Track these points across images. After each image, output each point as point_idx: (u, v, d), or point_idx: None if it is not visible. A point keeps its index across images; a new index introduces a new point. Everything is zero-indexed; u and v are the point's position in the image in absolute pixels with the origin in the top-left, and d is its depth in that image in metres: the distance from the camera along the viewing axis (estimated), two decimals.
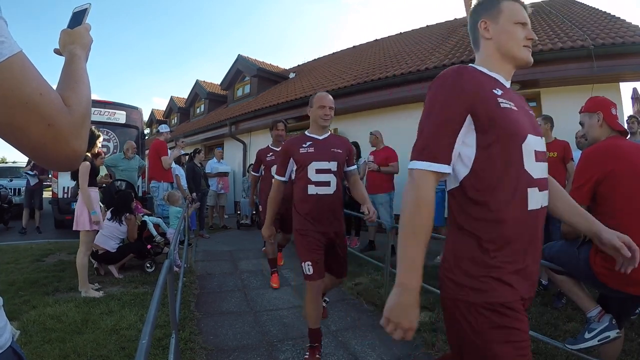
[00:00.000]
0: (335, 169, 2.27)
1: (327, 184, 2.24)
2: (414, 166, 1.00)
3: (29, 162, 7.28)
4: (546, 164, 1.09)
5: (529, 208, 0.99)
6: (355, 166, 2.48)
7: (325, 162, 2.25)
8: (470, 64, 1.10)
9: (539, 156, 1.04)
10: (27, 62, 0.49)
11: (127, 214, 4.13)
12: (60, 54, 0.72)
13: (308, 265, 2.19)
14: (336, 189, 2.25)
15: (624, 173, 1.63)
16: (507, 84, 1.12)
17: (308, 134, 2.35)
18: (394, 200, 5.00)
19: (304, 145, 2.28)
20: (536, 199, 1.01)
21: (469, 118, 0.98)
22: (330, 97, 2.34)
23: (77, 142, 0.54)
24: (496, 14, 1.11)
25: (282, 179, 2.36)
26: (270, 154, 3.88)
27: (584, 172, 1.75)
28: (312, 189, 2.22)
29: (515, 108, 1.02)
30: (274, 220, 3.68)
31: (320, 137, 2.32)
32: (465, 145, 1.00)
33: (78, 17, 0.78)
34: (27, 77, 0.48)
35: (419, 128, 1.03)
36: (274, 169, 3.55)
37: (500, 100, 1.00)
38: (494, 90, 1.02)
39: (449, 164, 0.98)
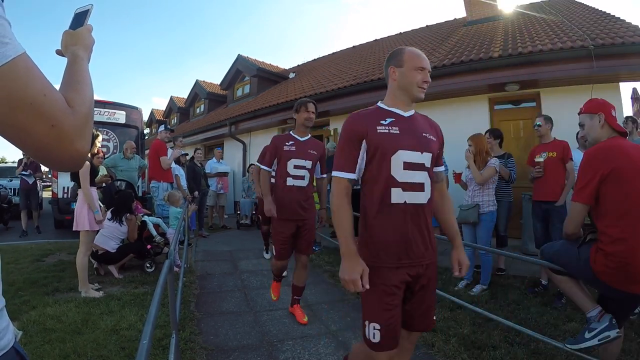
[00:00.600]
0: (429, 165, 1.48)
1: (420, 187, 1.45)
2: None
3: (20, 163, 7.25)
4: None
5: None
6: (443, 167, 1.65)
7: (417, 153, 1.44)
8: None
9: None
10: (30, 63, 0.50)
11: (128, 214, 4.14)
12: (62, 55, 0.73)
13: (374, 329, 1.38)
14: (431, 197, 1.48)
15: (626, 172, 1.64)
16: None
17: (387, 108, 1.52)
18: None
19: (383, 123, 1.45)
20: None
21: None
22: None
23: (81, 142, 0.54)
24: None
25: (351, 175, 1.45)
26: (291, 142, 2.82)
27: (586, 173, 1.75)
28: (397, 195, 1.41)
29: None
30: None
31: (406, 114, 1.52)
32: None
33: (80, 18, 0.78)
34: (31, 78, 0.49)
35: None
36: (291, 164, 2.77)
37: None
38: None
39: None
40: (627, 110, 5.08)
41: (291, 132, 2.94)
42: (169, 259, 1.72)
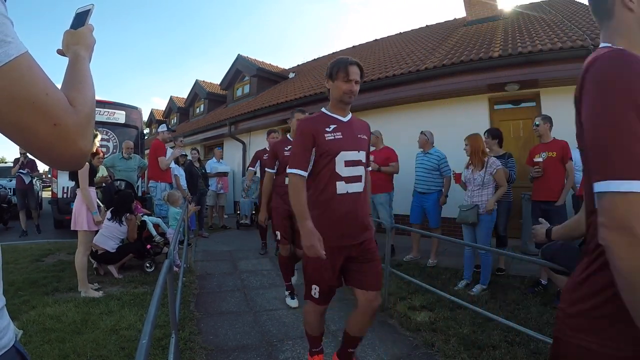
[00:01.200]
0: None
1: None
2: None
3: (16, 162, 7.23)
4: None
5: None
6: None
7: None
8: None
9: None
10: (33, 63, 0.50)
11: (128, 214, 4.13)
12: (64, 55, 0.73)
13: None
14: None
15: None
16: None
17: None
18: (393, 200, 5.02)
19: None
20: None
21: None
22: None
23: (83, 141, 0.55)
24: None
25: None
26: (333, 126, 1.80)
27: None
28: None
29: None
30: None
31: None
32: None
33: (81, 18, 0.78)
34: (34, 77, 0.49)
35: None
36: (341, 160, 1.76)
37: None
38: None
39: None
40: None
41: (325, 110, 1.89)
42: (169, 258, 1.72)
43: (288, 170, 1.76)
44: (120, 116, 7.19)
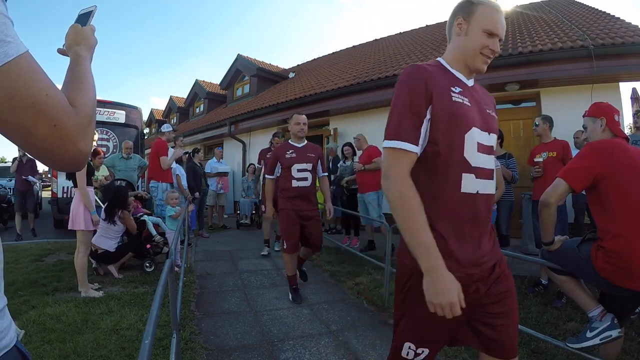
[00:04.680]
0: None
1: None
2: None
3: (14, 160, 7.20)
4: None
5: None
6: None
7: None
8: None
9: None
10: (33, 63, 0.49)
11: (120, 212, 4.03)
12: (64, 54, 0.73)
13: None
14: None
15: (624, 170, 1.65)
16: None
17: None
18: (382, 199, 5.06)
19: None
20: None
21: None
22: None
23: (83, 142, 0.54)
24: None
25: None
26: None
27: (584, 159, 1.74)
28: None
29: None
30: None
31: None
32: None
33: (83, 19, 0.79)
34: (34, 77, 0.48)
35: None
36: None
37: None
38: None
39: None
40: (627, 109, 5.10)
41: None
42: (170, 258, 1.71)
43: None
44: (120, 116, 7.19)
